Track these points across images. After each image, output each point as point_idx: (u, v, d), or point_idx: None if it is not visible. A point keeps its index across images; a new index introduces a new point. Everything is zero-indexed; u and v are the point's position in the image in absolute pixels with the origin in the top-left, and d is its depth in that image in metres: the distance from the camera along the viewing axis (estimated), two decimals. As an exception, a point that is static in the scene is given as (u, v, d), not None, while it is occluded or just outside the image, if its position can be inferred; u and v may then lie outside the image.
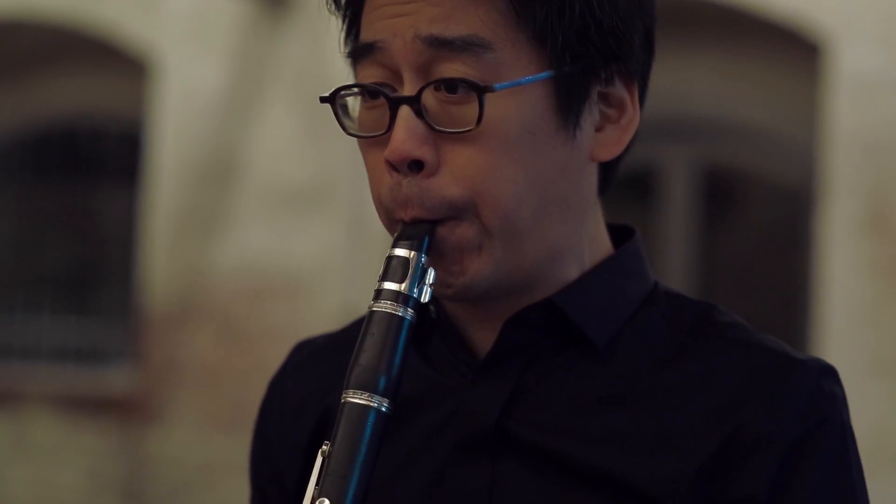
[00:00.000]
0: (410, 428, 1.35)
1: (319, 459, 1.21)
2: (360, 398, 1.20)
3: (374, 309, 1.23)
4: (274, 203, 7.27)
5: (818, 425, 1.26)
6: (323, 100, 1.32)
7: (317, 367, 1.47)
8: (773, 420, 1.26)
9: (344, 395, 1.21)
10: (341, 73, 1.38)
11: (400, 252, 1.25)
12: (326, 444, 1.21)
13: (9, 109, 8.97)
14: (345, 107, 1.33)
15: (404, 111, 1.25)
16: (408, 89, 1.26)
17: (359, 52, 1.30)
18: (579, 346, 1.32)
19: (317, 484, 1.20)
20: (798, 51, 6.90)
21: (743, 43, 7.36)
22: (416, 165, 1.25)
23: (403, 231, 1.26)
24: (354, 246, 6.77)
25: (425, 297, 1.24)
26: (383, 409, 1.20)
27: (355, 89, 1.31)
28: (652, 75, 1.40)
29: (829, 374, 1.30)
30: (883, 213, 6.35)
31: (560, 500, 1.28)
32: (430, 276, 1.25)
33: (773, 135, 7.47)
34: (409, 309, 1.23)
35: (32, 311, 8.82)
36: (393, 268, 1.24)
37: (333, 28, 1.37)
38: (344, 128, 1.32)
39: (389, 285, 1.23)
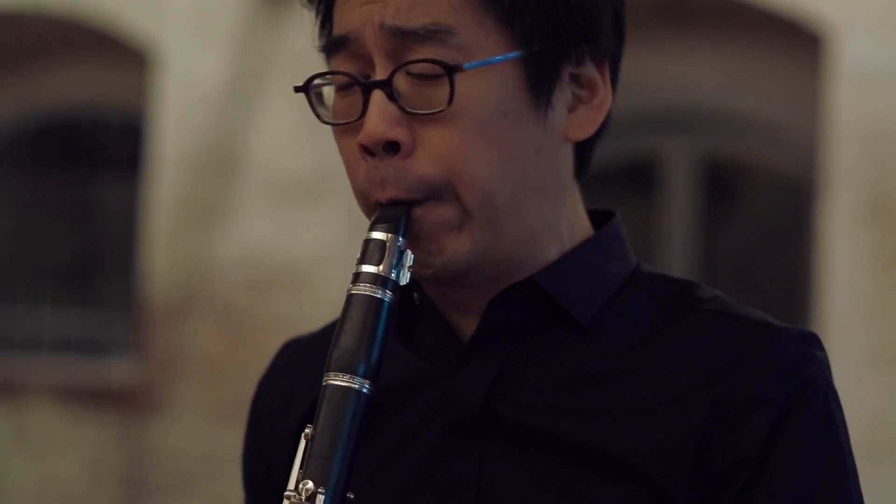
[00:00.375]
0: (398, 416, 1.35)
1: (303, 443, 1.22)
2: (340, 380, 1.21)
3: (353, 292, 1.24)
4: (275, 194, 7.27)
5: (803, 387, 1.28)
6: (297, 89, 1.33)
7: (304, 362, 1.47)
8: (759, 384, 1.27)
9: (325, 379, 1.22)
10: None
11: (377, 235, 1.26)
12: (309, 428, 1.21)
13: (10, 100, 8.96)
14: (320, 96, 1.34)
15: (377, 95, 1.27)
16: (380, 74, 1.27)
17: (332, 45, 1.31)
18: (563, 325, 1.33)
19: (301, 467, 1.20)
20: (799, 42, 6.90)
21: (744, 34, 7.35)
22: (392, 147, 1.26)
23: (380, 214, 1.27)
24: (355, 237, 6.73)
25: (404, 280, 1.25)
26: (364, 390, 1.21)
27: (329, 77, 1.32)
28: (653, 66, 1.41)
29: (811, 340, 1.31)
30: (884, 204, 6.35)
31: (550, 478, 1.28)
32: (409, 258, 1.25)
33: (775, 126, 7.47)
34: (387, 291, 1.24)
35: (34, 303, 8.82)
36: (370, 251, 1.25)
37: None
38: (319, 116, 1.34)
39: (367, 268, 1.24)
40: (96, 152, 8.95)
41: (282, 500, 1.20)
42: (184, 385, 7.43)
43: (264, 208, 7.31)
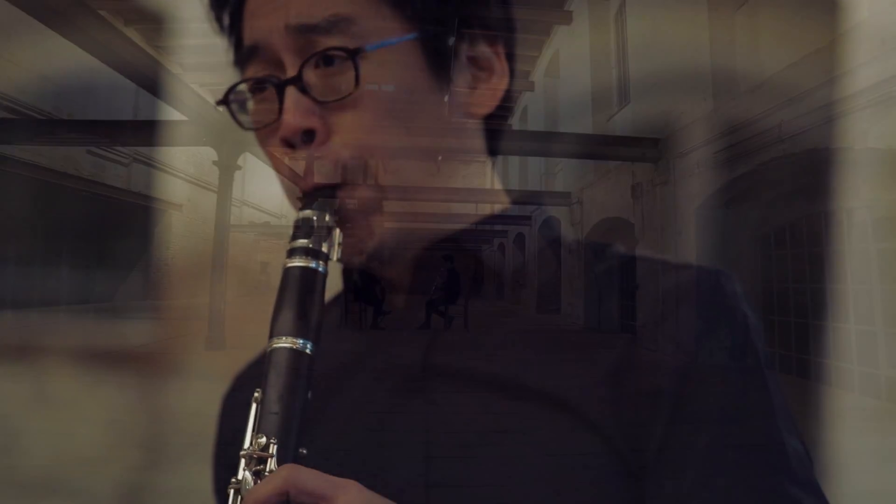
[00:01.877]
0: (351, 387, 1.44)
1: (253, 406, 1.30)
2: (282, 342, 1.30)
3: (288, 265, 1.34)
4: (292, 156, 7.29)
5: (715, 317, 1.36)
6: (218, 103, 1.42)
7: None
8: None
9: (269, 345, 1.31)
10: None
11: (305, 214, 1.35)
12: (258, 392, 1.30)
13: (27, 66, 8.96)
14: (242, 104, 1.43)
15: (290, 91, 1.36)
16: (290, 72, 1.37)
17: (243, 57, 1.41)
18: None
19: (253, 428, 1.29)
20: (818, 1, 6.88)
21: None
22: (308, 136, 1.36)
23: (307, 200, 1.36)
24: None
25: (335, 254, 1.35)
26: (307, 350, 1.30)
27: (243, 85, 1.42)
28: (670, 28, 1.46)
29: (723, 275, 1.39)
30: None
31: (487, 410, 1.37)
32: (338, 235, 1.35)
33: (794, 88, 7.46)
34: (319, 262, 1.33)
35: (52, 264, 8.85)
36: (300, 229, 1.34)
37: None
38: (241, 125, 1.43)
39: (298, 243, 1.34)
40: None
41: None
42: (202, 346, 7.46)
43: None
